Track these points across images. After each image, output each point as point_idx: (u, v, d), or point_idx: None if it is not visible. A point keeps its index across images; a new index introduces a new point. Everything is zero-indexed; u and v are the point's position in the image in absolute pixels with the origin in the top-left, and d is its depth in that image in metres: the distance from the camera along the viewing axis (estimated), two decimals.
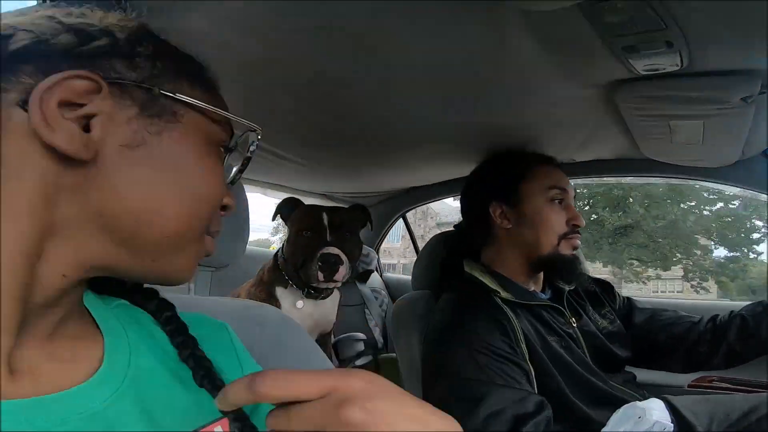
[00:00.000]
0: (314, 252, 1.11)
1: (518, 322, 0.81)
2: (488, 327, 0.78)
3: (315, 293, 1.20)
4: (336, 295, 1.30)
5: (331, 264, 1.08)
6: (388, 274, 2.35)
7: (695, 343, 0.92)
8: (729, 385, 1.18)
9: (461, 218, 1.09)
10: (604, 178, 1.41)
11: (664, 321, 0.98)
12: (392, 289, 2.20)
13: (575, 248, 0.91)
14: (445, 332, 0.82)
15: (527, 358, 0.79)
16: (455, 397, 0.72)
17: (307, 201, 1.32)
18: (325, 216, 1.17)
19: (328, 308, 1.27)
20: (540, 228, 0.90)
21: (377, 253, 2.29)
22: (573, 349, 0.85)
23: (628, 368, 0.95)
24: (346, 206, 1.36)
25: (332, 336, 1.39)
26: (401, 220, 2.16)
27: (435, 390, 0.77)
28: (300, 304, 1.19)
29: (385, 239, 2.30)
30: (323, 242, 1.13)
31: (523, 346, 0.80)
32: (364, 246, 2.18)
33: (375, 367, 1.40)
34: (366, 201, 2.10)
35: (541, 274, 0.97)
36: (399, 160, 1.31)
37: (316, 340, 1.22)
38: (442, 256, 1.08)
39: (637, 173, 1.30)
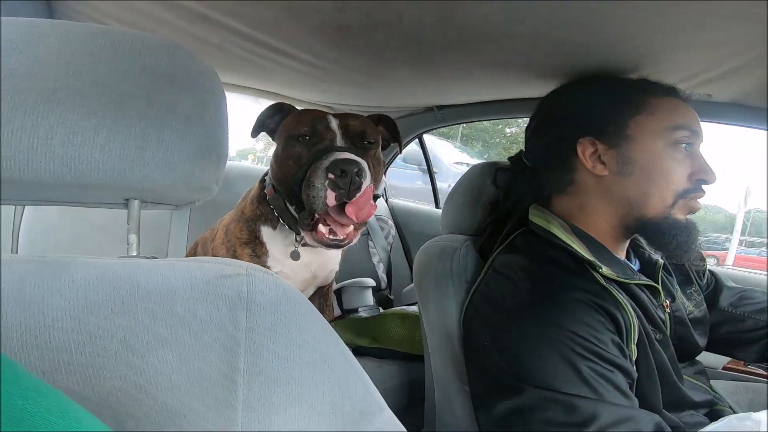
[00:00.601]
0: (319, 161, 0.73)
1: (632, 313, 0.60)
2: (593, 320, 0.56)
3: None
4: None
5: (349, 175, 0.69)
6: (395, 200, 2.13)
7: None
8: (765, 372, 1.09)
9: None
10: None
11: (753, 305, 0.80)
12: (399, 217, 1.99)
13: (693, 211, 0.67)
14: (519, 318, 0.60)
15: (634, 361, 0.59)
16: (543, 418, 0.53)
17: None
18: (332, 119, 0.82)
19: (328, 256, 0.98)
20: (653, 181, 0.65)
21: (384, 174, 2.04)
22: (668, 344, 0.65)
23: None
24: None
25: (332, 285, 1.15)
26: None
27: (506, 400, 0.57)
28: (290, 253, 0.89)
29: None
30: (332, 147, 0.76)
31: (634, 346, 0.59)
32: None
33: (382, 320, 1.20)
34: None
35: (628, 240, 0.73)
36: (450, 69, 0.99)
37: (312, 295, 1.03)
38: (490, 194, 0.83)
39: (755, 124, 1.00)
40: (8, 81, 0.33)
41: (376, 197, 1.79)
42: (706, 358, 1.06)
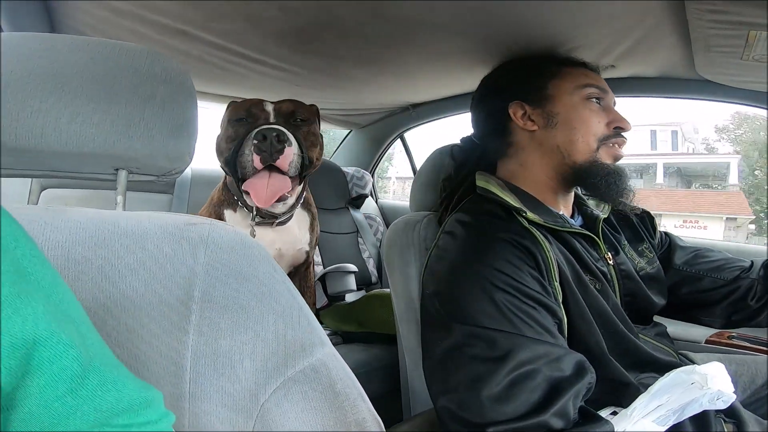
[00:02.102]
0: (249, 134, 0.85)
1: (551, 250, 0.64)
2: (513, 256, 0.60)
3: (264, 216, 0.96)
4: (303, 218, 1.09)
5: (271, 141, 0.80)
6: (385, 200, 2.21)
7: (745, 293, 0.77)
8: (748, 344, 1.07)
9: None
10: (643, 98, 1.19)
11: (709, 264, 0.81)
12: (388, 216, 2.07)
13: (617, 158, 0.74)
14: (454, 264, 0.65)
15: (560, 301, 0.62)
16: (469, 354, 0.55)
17: None
18: (268, 103, 0.93)
19: (294, 234, 1.05)
20: (574, 128, 0.72)
21: (372, 176, 2.12)
22: (608, 293, 0.68)
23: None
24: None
25: (313, 268, 1.21)
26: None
27: (441, 342, 0.59)
28: (249, 230, 0.95)
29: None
30: (262, 124, 0.87)
31: (557, 284, 0.62)
32: (358, 168, 2.03)
33: (365, 304, 1.27)
34: (361, 119, 1.88)
35: (572, 196, 0.80)
36: (398, 65, 1.08)
37: (289, 274, 1.07)
38: (447, 171, 0.90)
39: (683, 94, 1.09)
40: (28, 79, 0.43)
41: (363, 197, 1.88)
42: (688, 331, 1.10)
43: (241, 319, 0.39)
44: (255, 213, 0.96)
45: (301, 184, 0.94)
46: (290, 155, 0.84)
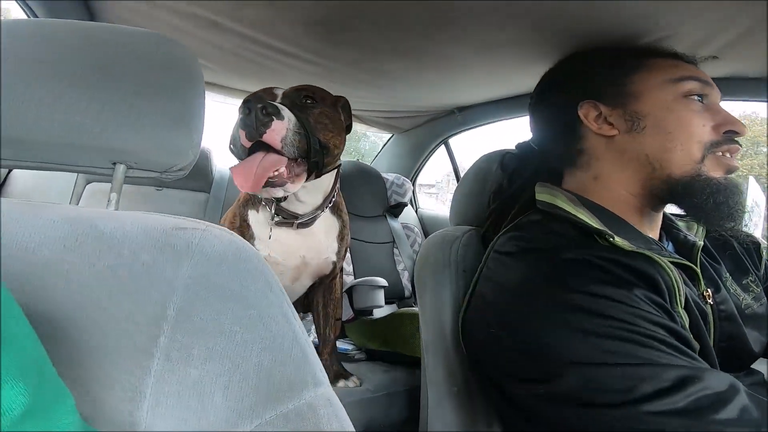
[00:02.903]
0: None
1: (674, 270, 0.51)
2: (614, 277, 0.48)
3: (286, 217, 0.88)
4: (332, 223, 0.98)
5: (256, 113, 0.70)
6: (425, 210, 2.09)
7: None
8: None
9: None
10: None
11: None
12: (428, 227, 1.94)
13: (730, 170, 0.57)
14: (525, 295, 0.51)
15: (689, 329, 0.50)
16: (599, 402, 0.43)
17: None
18: (279, 89, 0.85)
19: (319, 241, 0.95)
20: (670, 132, 0.57)
21: (413, 184, 2.01)
22: (703, 336, 0.54)
23: None
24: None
25: (341, 279, 1.11)
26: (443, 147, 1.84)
27: (531, 391, 0.48)
28: (269, 233, 0.87)
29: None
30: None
31: (682, 309, 0.50)
32: (398, 175, 1.93)
33: (391, 321, 1.15)
34: (403, 123, 1.78)
35: (660, 217, 0.64)
36: (440, 58, 0.96)
37: (313, 285, 1.01)
38: (497, 181, 0.78)
39: None
40: (23, 66, 0.41)
41: (402, 206, 1.77)
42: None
43: (218, 346, 0.33)
44: (274, 212, 0.87)
45: (313, 173, 0.82)
46: (281, 129, 0.73)
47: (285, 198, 0.87)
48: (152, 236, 0.36)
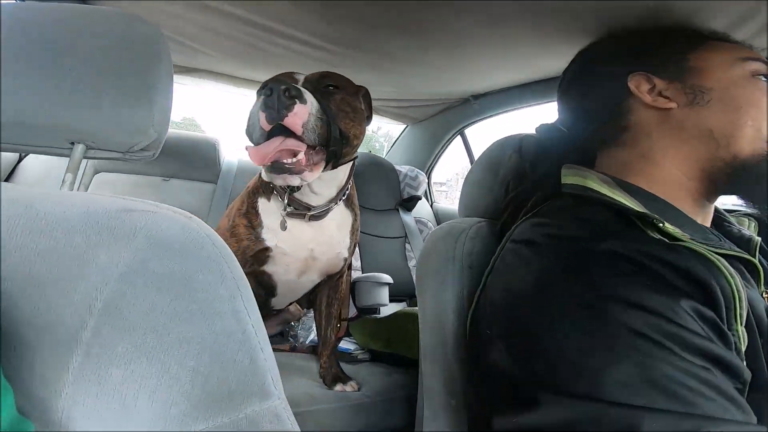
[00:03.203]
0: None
1: (735, 277, 0.40)
2: (657, 281, 0.38)
3: (298, 208, 0.83)
4: (345, 218, 0.93)
5: (279, 95, 0.66)
6: (441, 204, 2.00)
7: None
8: None
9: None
10: None
11: None
12: (443, 221, 1.86)
13: None
14: (541, 296, 0.43)
15: (744, 353, 0.40)
16: None
17: None
18: (300, 74, 0.81)
19: (331, 235, 0.89)
20: (739, 108, 0.50)
21: (428, 176, 1.93)
22: (760, 360, 0.43)
23: None
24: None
25: (348, 278, 1.05)
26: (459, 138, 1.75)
27: (519, 415, 0.39)
28: (279, 224, 0.83)
29: None
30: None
31: (741, 329, 0.39)
32: (412, 167, 1.85)
33: (394, 321, 1.07)
34: (416, 113, 1.70)
35: (712, 209, 0.56)
36: (450, 35, 0.88)
37: (320, 284, 0.96)
38: (513, 169, 0.69)
39: None
40: None
41: (416, 199, 1.70)
42: None
43: (147, 344, 0.29)
44: (287, 202, 0.83)
45: (331, 163, 0.77)
46: (303, 113, 0.68)
47: (299, 188, 0.83)
48: (92, 218, 0.32)
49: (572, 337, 0.38)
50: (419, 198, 1.74)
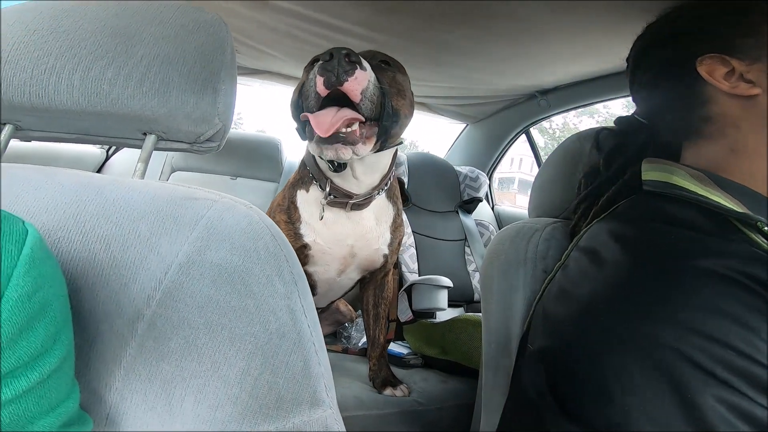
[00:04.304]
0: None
1: None
2: (747, 309, 0.31)
3: (339, 196, 0.79)
4: (386, 210, 0.87)
5: (339, 59, 0.63)
6: (503, 207, 1.91)
7: None
8: None
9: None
10: None
11: None
12: (505, 224, 1.77)
13: None
14: (596, 313, 0.36)
15: None
16: None
17: None
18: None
19: (369, 228, 0.84)
20: None
21: (490, 178, 1.84)
22: None
23: None
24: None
25: (395, 277, 0.99)
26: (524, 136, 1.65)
27: None
28: (319, 213, 0.80)
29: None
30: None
31: None
32: (472, 168, 1.78)
33: (451, 328, 1.01)
34: (476, 111, 1.63)
35: None
36: (513, 24, 0.81)
37: (363, 281, 0.93)
38: (590, 163, 0.62)
39: None
40: (48, 37, 0.41)
41: (476, 201, 1.63)
42: None
43: (199, 341, 0.28)
44: (328, 190, 0.80)
45: (380, 141, 0.73)
46: (363, 80, 0.65)
47: (344, 166, 0.79)
48: (157, 206, 0.32)
49: (630, 382, 0.31)
50: (480, 200, 1.67)
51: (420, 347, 1.04)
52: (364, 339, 1.12)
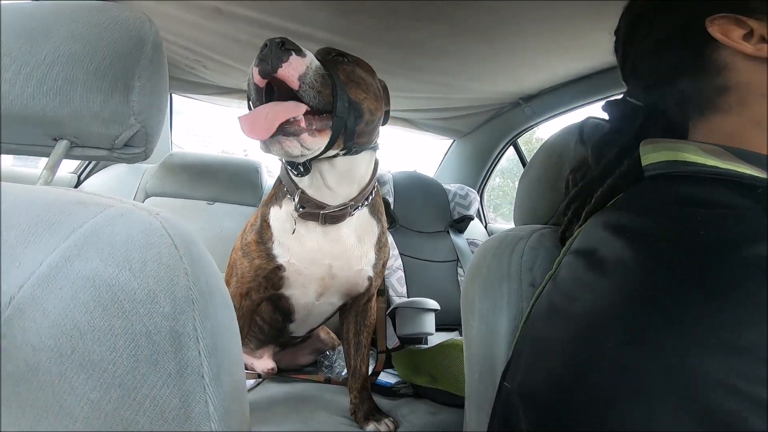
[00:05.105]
0: None
1: None
2: None
3: (312, 205, 0.74)
4: (369, 227, 0.80)
5: (272, 48, 0.61)
6: (496, 224, 1.83)
7: None
8: None
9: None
10: None
11: None
12: None
13: None
14: (597, 325, 0.28)
15: None
16: None
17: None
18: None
19: (350, 246, 0.77)
20: None
21: (480, 194, 1.77)
22: None
23: None
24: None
25: (377, 303, 0.91)
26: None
27: None
28: (291, 227, 0.74)
29: None
30: None
31: None
32: (462, 185, 1.71)
33: (439, 354, 0.91)
34: (461, 124, 1.56)
35: None
36: (483, 17, 0.76)
37: (343, 306, 0.85)
38: (579, 162, 0.54)
39: None
40: None
41: (467, 219, 1.55)
42: None
43: (41, 365, 0.24)
44: (298, 201, 0.74)
45: (342, 139, 0.68)
46: (299, 65, 0.61)
47: (307, 170, 0.72)
48: (32, 212, 0.28)
49: (626, 394, 0.23)
50: (471, 218, 1.60)
51: (408, 375, 0.93)
52: (340, 372, 1.02)
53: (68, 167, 1.63)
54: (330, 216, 0.75)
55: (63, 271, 0.25)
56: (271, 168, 1.68)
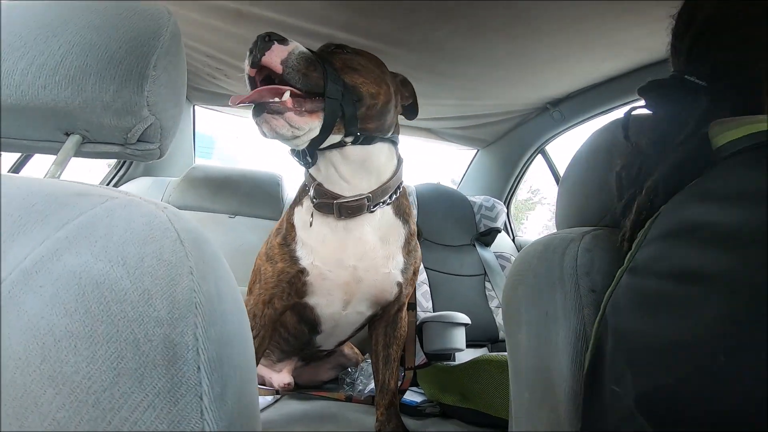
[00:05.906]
0: None
1: None
2: None
3: (326, 196, 0.74)
4: (394, 228, 0.78)
5: (258, 40, 0.66)
6: (524, 237, 1.76)
7: None
8: None
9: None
10: None
11: None
12: None
13: None
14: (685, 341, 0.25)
15: None
16: None
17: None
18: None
19: (374, 245, 0.75)
20: None
21: (507, 206, 1.71)
22: None
23: None
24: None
25: (415, 319, 0.87)
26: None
27: None
28: (308, 220, 0.75)
29: None
30: None
31: None
32: (488, 197, 1.65)
33: (472, 370, 0.85)
34: (486, 133, 1.52)
35: None
36: (507, 15, 0.72)
37: (372, 316, 0.80)
38: (630, 157, 0.49)
39: None
40: None
41: (495, 232, 1.49)
42: None
43: (6, 376, 0.21)
44: (313, 194, 0.76)
45: (340, 122, 0.70)
46: (280, 51, 0.66)
47: (313, 159, 0.75)
48: (29, 202, 0.27)
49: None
50: (498, 230, 1.54)
51: (435, 394, 0.87)
52: (372, 386, 0.96)
53: (94, 181, 1.66)
54: (346, 208, 0.74)
55: (47, 267, 0.22)
56: (292, 181, 1.67)
